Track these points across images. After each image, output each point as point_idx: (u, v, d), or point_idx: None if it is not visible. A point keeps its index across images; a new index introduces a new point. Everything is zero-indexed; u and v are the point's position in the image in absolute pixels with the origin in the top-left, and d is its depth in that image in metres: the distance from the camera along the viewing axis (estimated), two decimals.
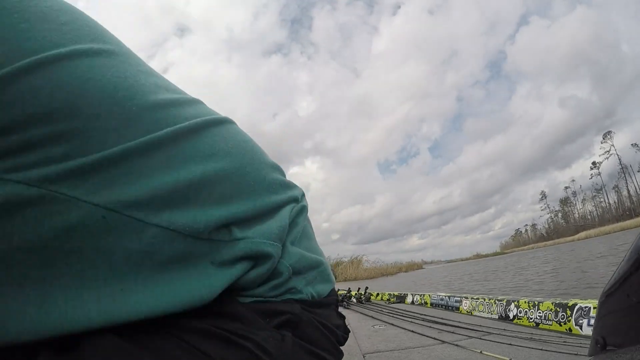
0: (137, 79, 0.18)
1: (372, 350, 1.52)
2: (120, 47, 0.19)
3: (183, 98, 0.20)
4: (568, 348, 1.33)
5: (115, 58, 0.18)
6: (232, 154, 0.19)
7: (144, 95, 0.18)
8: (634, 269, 0.27)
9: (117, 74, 0.17)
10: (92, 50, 0.17)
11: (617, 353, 0.29)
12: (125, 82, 0.17)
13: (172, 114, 0.18)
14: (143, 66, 0.20)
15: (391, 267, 23.07)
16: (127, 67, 0.18)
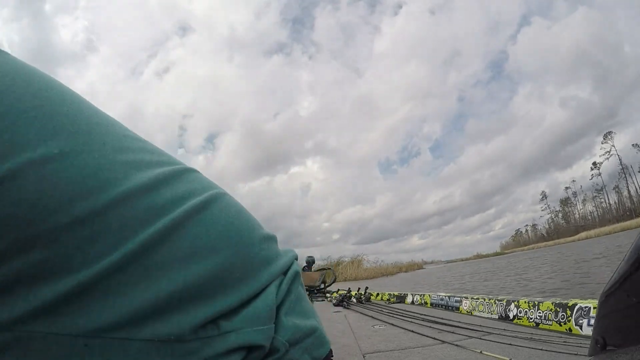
0: (100, 170, 0.16)
1: (372, 350, 1.52)
2: (77, 130, 0.16)
3: (162, 174, 0.18)
4: (568, 348, 1.33)
5: (67, 158, 0.15)
6: (216, 248, 0.18)
7: (110, 190, 0.16)
8: (634, 269, 0.27)
9: (73, 178, 0.15)
10: (39, 159, 0.14)
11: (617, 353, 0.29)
12: (85, 185, 0.15)
13: (146, 205, 0.16)
14: (110, 140, 0.17)
15: (391, 267, 23.06)
16: (87, 160, 0.16)
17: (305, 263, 5.30)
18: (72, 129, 0.16)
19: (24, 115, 0.15)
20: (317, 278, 4.44)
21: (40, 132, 0.15)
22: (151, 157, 0.18)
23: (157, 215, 0.16)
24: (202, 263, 0.17)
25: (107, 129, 0.18)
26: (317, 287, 4.32)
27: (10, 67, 0.16)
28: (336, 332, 1.95)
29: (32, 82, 0.16)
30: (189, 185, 0.18)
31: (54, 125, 0.15)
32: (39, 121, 0.15)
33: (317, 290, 4.31)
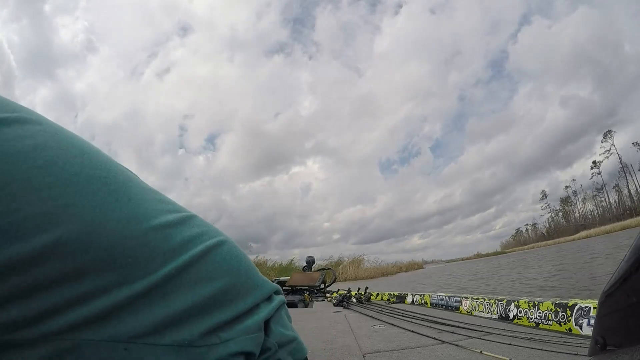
0: (141, 207, 0.20)
1: (372, 350, 1.52)
2: (116, 187, 0.20)
3: (180, 217, 0.22)
4: (568, 348, 1.33)
5: (118, 204, 0.19)
6: (229, 272, 0.22)
7: (149, 221, 0.20)
8: (634, 269, 0.27)
9: (128, 209, 0.19)
10: (97, 211, 0.18)
11: (617, 353, 0.29)
12: (138, 210, 0.20)
13: (178, 238, 0.21)
14: (141, 190, 0.22)
15: (391, 267, 23.07)
16: (132, 191, 0.20)
17: (305, 263, 5.30)
18: (112, 186, 0.20)
19: (75, 180, 0.18)
20: (317, 278, 4.43)
21: (90, 195, 0.18)
22: (167, 205, 0.23)
23: (184, 247, 0.21)
24: (207, 287, 0.21)
25: (136, 182, 0.22)
26: (317, 287, 4.32)
27: (49, 135, 0.19)
28: (336, 332, 1.95)
29: (70, 148, 0.19)
30: (201, 228, 0.23)
31: (95, 186, 0.19)
32: (84, 185, 0.18)
33: (317, 290, 4.30)
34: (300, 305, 3.52)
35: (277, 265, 16.96)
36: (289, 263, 17.25)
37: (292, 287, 4.43)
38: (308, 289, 4.25)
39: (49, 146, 0.18)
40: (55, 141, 0.18)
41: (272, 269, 16.19)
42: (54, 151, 0.18)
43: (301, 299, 3.69)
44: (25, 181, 0.16)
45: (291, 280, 4.64)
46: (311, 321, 2.40)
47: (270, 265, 16.94)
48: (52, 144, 0.18)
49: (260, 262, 16.81)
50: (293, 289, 4.37)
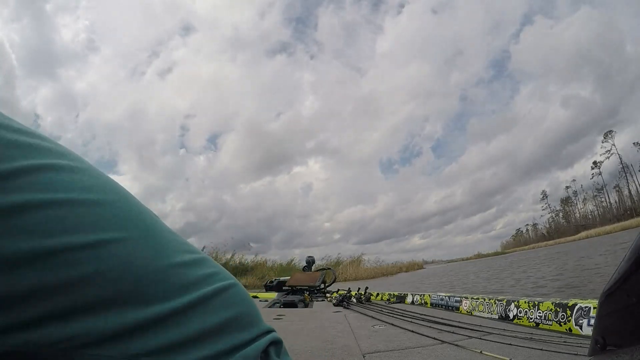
0: (164, 245, 0.23)
1: (372, 350, 1.52)
2: (143, 220, 0.23)
3: (198, 257, 0.25)
4: (568, 348, 1.33)
5: (148, 226, 0.22)
6: (237, 308, 0.25)
7: (172, 258, 0.23)
8: (634, 269, 0.27)
9: (154, 248, 0.22)
10: (124, 238, 0.21)
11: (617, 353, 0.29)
12: (162, 249, 0.22)
13: (194, 274, 0.23)
14: (164, 225, 0.25)
15: (391, 267, 23.05)
16: (157, 231, 0.23)
17: (306, 263, 5.30)
18: (142, 226, 0.22)
19: (114, 221, 0.21)
20: (317, 278, 4.43)
21: (126, 233, 0.21)
22: (185, 246, 0.25)
23: (199, 284, 0.23)
24: (216, 318, 0.23)
25: (159, 223, 0.24)
26: (317, 287, 4.32)
27: (94, 179, 0.22)
28: (336, 332, 1.95)
29: (110, 193, 0.22)
30: (214, 269, 0.25)
31: (130, 225, 0.22)
32: (121, 225, 0.21)
33: (317, 290, 4.30)
34: (300, 305, 3.52)
35: (276, 265, 16.92)
36: (288, 263, 17.23)
37: (292, 287, 4.43)
38: (308, 289, 4.25)
39: (95, 190, 0.21)
40: (99, 185, 0.22)
41: (271, 269, 16.16)
42: (99, 195, 0.21)
43: (301, 299, 3.69)
44: (79, 216, 0.19)
45: (291, 280, 4.64)
46: (311, 321, 2.40)
47: (270, 265, 16.92)
48: (97, 188, 0.21)
49: (259, 263, 16.79)
50: (293, 289, 4.37)
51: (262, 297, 4.31)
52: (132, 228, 0.22)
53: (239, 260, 16.28)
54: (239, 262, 16.07)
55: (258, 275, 14.50)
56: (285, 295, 4.11)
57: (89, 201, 0.20)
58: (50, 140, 0.22)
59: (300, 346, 1.59)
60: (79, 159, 0.22)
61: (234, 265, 15.55)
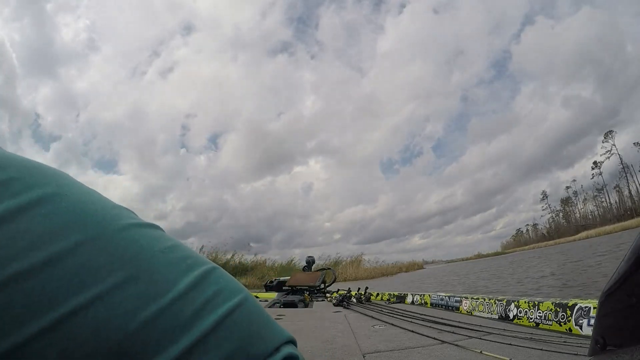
0: (160, 277, 0.19)
1: (372, 350, 1.52)
2: (142, 258, 0.19)
3: (204, 269, 0.21)
4: (568, 348, 1.33)
5: (135, 282, 0.18)
6: (249, 330, 0.22)
7: (168, 292, 0.19)
8: (634, 269, 0.27)
9: (143, 288, 0.18)
10: (119, 283, 0.18)
11: (617, 353, 0.29)
12: (152, 291, 0.18)
13: (193, 306, 0.19)
14: (162, 248, 0.21)
15: (391, 267, 23.04)
16: (151, 262, 0.19)
17: (306, 263, 5.30)
18: (139, 257, 0.19)
19: (101, 246, 0.18)
20: (317, 278, 4.43)
21: (111, 263, 0.18)
22: (187, 260, 0.21)
23: (200, 316, 0.19)
24: (227, 348, 0.20)
25: (157, 241, 0.21)
26: (317, 287, 4.32)
27: (75, 194, 0.19)
28: (336, 332, 1.95)
29: (101, 211, 0.19)
30: (219, 285, 0.22)
31: (124, 254, 0.18)
32: (110, 255, 0.18)
33: (317, 290, 4.30)
34: (300, 305, 3.52)
35: (276, 265, 16.92)
36: (288, 263, 17.23)
37: (292, 287, 4.43)
38: (308, 289, 4.25)
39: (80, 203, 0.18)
40: (78, 216, 0.19)
41: (271, 268, 16.16)
42: (86, 205, 0.19)
43: (301, 299, 3.69)
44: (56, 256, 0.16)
45: (291, 280, 4.64)
46: (311, 321, 2.40)
47: (270, 265, 16.92)
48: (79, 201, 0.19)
49: (259, 263, 16.79)
50: (293, 289, 4.37)
51: (262, 297, 4.31)
52: (112, 273, 0.17)
53: (239, 260, 16.30)
54: (238, 262, 16.08)
55: (258, 275, 14.50)
56: (285, 295, 4.11)
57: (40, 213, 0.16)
58: None
59: (300, 346, 1.58)
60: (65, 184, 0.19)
61: (234, 265, 15.54)
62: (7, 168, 0.17)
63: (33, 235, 0.16)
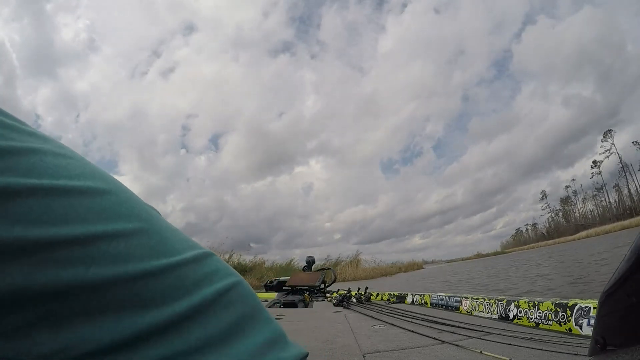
0: (163, 241, 0.21)
1: (372, 350, 1.52)
2: (150, 213, 0.22)
3: (200, 253, 0.23)
4: (568, 348, 1.33)
5: (150, 229, 0.21)
6: (242, 309, 0.23)
7: (170, 257, 0.21)
8: (634, 269, 0.27)
9: (152, 246, 0.20)
10: (134, 229, 0.20)
11: (617, 353, 0.29)
12: (159, 247, 0.20)
13: (200, 272, 0.22)
14: (163, 221, 0.23)
15: (390, 267, 23.02)
16: (155, 228, 0.21)
17: (306, 263, 5.31)
18: (135, 211, 0.21)
19: (101, 197, 0.19)
20: (317, 278, 4.43)
21: (132, 211, 0.20)
22: (186, 242, 0.23)
23: (199, 285, 0.21)
24: (219, 323, 0.21)
25: (157, 219, 0.23)
26: (317, 287, 4.32)
27: (86, 167, 0.20)
28: (336, 332, 1.95)
29: (88, 168, 0.20)
30: (216, 265, 0.24)
31: (132, 207, 0.21)
32: (128, 205, 0.20)
33: (317, 290, 4.30)
34: (300, 305, 3.52)
35: (275, 266, 16.90)
36: (287, 263, 17.21)
37: (292, 287, 4.43)
38: (308, 289, 4.25)
39: (84, 178, 0.19)
40: (88, 173, 0.20)
41: (270, 269, 16.12)
42: (89, 182, 0.19)
43: (301, 299, 3.69)
44: (67, 206, 0.18)
45: (291, 280, 4.64)
46: (311, 321, 2.40)
47: (269, 265, 16.90)
48: (86, 175, 0.20)
49: (258, 263, 16.77)
50: (293, 289, 4.37)
51: (262, 297, 4.31)
52: (127, 221, 0.19)
53: (237, 260, 16.28)
54: (237, 263, 16.06)
55: (256, 276, 14.49)
56: (285, 295, 4.11)
57: (77, 189, 0.18)
58: (29, 126, 0.19)
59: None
60: (63, 146, 0.20)
61: (232, 265, 15.48)
62: None
63: None
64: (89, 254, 0.17)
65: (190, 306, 0.20)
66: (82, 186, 0.18)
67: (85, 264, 0.16)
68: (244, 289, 0.24)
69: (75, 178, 0.18)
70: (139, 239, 0.19)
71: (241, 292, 0.23)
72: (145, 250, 0.19)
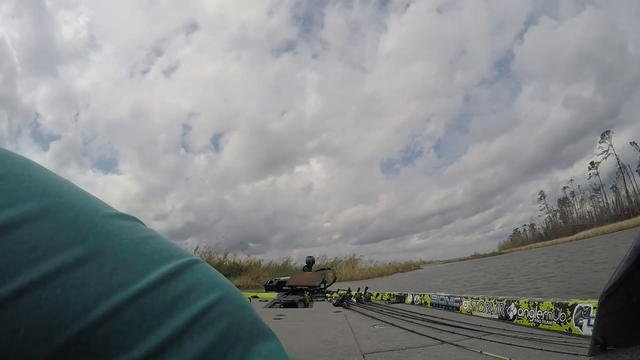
0: (125, 266, 0.17)
1: (372, 350, 1.52)
2: (98, 232, 0.18)
3: (181, 262, 0.19)
4: (568, 348, 1.34)
5: (94, 260, 0.16)
6: (227, 328, 0.20)
7: (135, 284, 0.17)
8: (634, 269, 0.27)
9: (100, 278, 0.16)
10: (70, 263, 0.16)
11: (617, 353, 0.29)
12: (112, 281, 0.16)
13: (168, 297, 0.18)
14: (128, 237, 0.19)
15: (387, 268, 23.00)
16: (111, 259, 0.17)
17: (305, 263, 5.31)
18: (95, 231, 0.17)
19: (53, 219, 0.16)
20: (317, 278, 4.44)
21: (68, 238, 0.16)
22: (163, 253, 0.19)
23: (183, 302, 0.18)
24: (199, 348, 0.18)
25: (125, 230, 0.19)
26: (317, 287, 4.32)
27: (30, 168, 0.17)
28: (336, 332, 1.95)
29: (53, 187, 0.17)
30: (199, 277, 0.20)
31: (77, 230, 0.17)
32: (65, 227, 0.16)
33: (317, 290, 4.31)
34: (300, 305, 3.52)
35: (272, 266, 16.84)
36: (284, 263, 17.18)
37: (292, 287, 4.43)
38: (308, 289, 4.25)
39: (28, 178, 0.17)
40: (37, 175, 0.18)
41: (266, 269, 16.08)
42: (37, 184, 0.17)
43: (301, 299, 3.69)
44: None
45: (291, 280, 4.64)
46: (311, 321, 2.40)
47: (265, 265, 16.85)
48: (35, 178, 0.17)
49: (254, 263, 16.71)
50: (293, 289, 4.37)
51: (262, 297, 4.31)
52: (66, 252, 0.16)
53: (233, 260, 16.22)
54: (232, 263, 16.00)
55: (252, 276, 14.44)
56: (285, 295, 4.11)
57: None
58: None
59: (300, 346, 1.59)
60: None
61: (228, 265, 15.45)
62: None
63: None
64: (13, 315, 0.14)
65: (159, 343, 0.16)
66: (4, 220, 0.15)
67: (11, 330, 0.14)
68: (231, 302, 0.20)
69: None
70: (84, 272, 0.16)
71: (226, 308, 0.19)
72: (91, 290, 0.15)
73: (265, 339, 0.21)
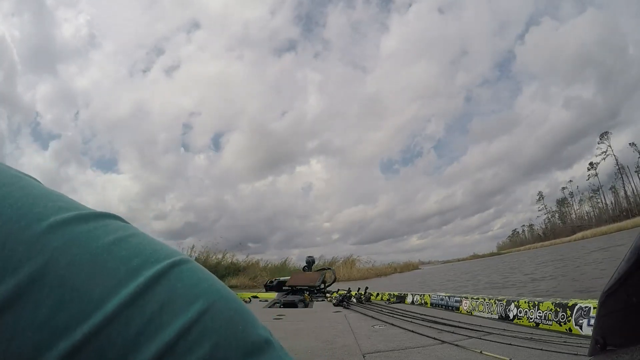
0: (101, 277, 0.14)
1: (372, 350, 1.52)
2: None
3: (156, 270, 0.16)
4: (568, 348, 1.34)
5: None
6: (220, 338, 0.17)
7: (117, 292, 0.14)
8: (634, 269, 0.27)
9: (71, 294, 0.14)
10: None
11: (617, 353, 0.30)
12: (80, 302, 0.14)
13: (139, 320, 0.14)
14: (108, 236, 0.16)
15: (385, 268, 22.99)
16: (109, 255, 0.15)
17: (306, 263, 5.31)
18: (31, 254, 0.13)
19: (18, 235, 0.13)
20: (317, 278, 4.44)
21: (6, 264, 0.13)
22: (133, 260, 0.16)
23: (155, 328, 0.15)
24: None
25: (82, 239, 0.15)
26: (317, 287, 4.32)
27: None
28: (336, 332, 1.95)
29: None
30: (177, 289, 0.16)
31: (6, 257, 0.13)
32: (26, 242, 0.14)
33: (317, 290, 4.31)
34: (300, 305, 3.53)
35: (270, 266, 16.81)
36: (282, 263, 17.16)
37: (292, 287, 4.43)
38: (308, 289, 4.25)
39: None
40: None
41: (264, 269, 16.06)
42: None
43: (301, 299, 3.69)
44: None
45: (291, 280, 4.64)
46: (311, 321, 2.40)
47: (263, 265, 16.83)
48: None
49: (252, 263, 16.68)
50: (293, 289, 4.37)
51: (262, 297, 4.31)
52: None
53: (231, 260, 16.19)
54: (230, 263, 15.97)
55: (250, 276, 14.42)
56: (285, 295, 4.11)
57: None
58: None
59: (300, 346, 1.59)
60: None
61: (226, 265, 15.41)
62: None
63: None
64: None
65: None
66: None
67: None
68: (217, 316, 0.17)
69: None
70: (15, 317, 0.12)
71: (210, 325, 0.16)
72: (25, 341, 0.12)
73: (260, 353, 0.17)
